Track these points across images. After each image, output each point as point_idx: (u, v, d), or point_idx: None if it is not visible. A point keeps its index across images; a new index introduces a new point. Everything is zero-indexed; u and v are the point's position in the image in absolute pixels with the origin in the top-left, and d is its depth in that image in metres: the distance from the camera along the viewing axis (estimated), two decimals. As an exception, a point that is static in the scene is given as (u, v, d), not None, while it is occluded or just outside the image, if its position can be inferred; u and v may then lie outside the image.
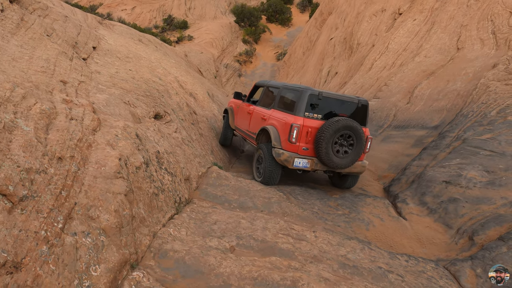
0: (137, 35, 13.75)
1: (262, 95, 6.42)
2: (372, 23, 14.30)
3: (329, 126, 4.76)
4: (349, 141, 4.98)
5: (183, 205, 4.05)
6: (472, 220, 4.11)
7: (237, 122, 7.20)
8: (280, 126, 5.20)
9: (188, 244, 3.11)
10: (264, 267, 2.91)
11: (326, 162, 4.90)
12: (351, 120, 4.90)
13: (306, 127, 4.95)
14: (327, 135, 4.75)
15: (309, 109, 5.01)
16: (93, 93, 4.58)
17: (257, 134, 5.84)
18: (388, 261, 3.44)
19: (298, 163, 4.95)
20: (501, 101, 6.25)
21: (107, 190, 2.77)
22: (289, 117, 5.08)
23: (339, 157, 4.95)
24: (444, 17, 10.43)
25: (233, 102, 7.70)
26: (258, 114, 6.08)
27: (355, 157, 5.04)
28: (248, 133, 6.46)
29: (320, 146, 4.80)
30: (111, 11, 30.44)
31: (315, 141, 4.90)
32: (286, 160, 4.94)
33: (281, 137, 5.11)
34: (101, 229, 2.51)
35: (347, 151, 4.99)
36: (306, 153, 5.04)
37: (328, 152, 4.82)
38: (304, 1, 35.31)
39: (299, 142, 4.95)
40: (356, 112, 5.26)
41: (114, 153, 3.18)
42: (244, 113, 6.79)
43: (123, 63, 7.17)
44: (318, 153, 4.89)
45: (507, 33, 8.31)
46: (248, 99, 7.10)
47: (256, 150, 5.73)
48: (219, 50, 26.41)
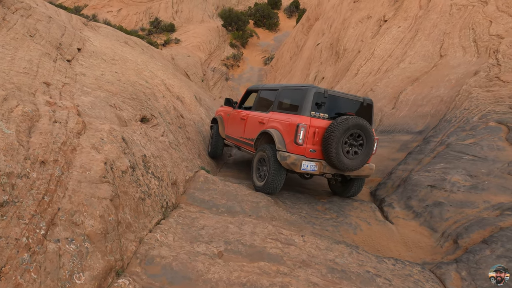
0: (123, 37, 13.58)
1: (257, 99, 6.16)
2: (358, 29, 14.54)
3: (338, 125, 4.48)
4: (359, 141, 4.72)
5: (170, 210, 3.98)
6: (457, 223, 4.19)
7: (228, 130, 6.85)
8: (284, 127, 4.89)
9: (176, 249, 3.06)
10: (253, 272, 2.88)
11: (336, 164, 4.59)
12: (360, 118, 4.65)
13: (313, 127, 4.65)
14: (337, 135, 4.46)
15: (314, 108, 4.73)
16: (78, 96, 4.47)
17: (255, 140, 5.53)
18: (376, 265, 3.46)
19: (306, 166, 4.62)
20: (483, 107, 6.43)
21: (92, 195, 2.70)
22: (293, 118, 4.77)
23: (349, 158, 4.66)
24: (427, 25, 10.69)
25: (222, 110, 7.40)
26: (255, 119, 5.80)
27: (366, 158, 4.79)
28: (243, 140, 6.15)
29: (329, 146, 4.50)
30: (97, 12, 30.00)
31: (324, 141, 4.59)
32: (293, 163, 4.59)
33: (286, 139, 4.79)
34: (85, 235, 2.44)
35: (356, 152, 4.73)
36: (313, 155, 4.72)
37: (339, 153, 4.53)
38: (291, 7, 35.68)
39: (306, 144, 4.64)
40: (361, 111, 5.05)
41: (99, 157, 3.11)
42: (237, 120, 6.51)
43: (108, 65, 7.06)
44: (327, 154, 4.58)
45: (487, 41, 8.57)
46: (240, 105, 6.84)
47: (257, 152, 5.34)
48: (206, 54, 26.34)
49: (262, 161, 5.22)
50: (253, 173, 5.38)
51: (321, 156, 4.74)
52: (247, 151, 6.09)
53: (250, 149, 5.93)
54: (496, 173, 4.75)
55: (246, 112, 6.27)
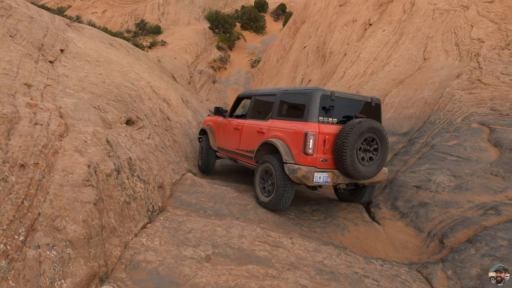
0: (108, 38, 13.37)
1: (251, 106, 5.67)
2: (344, 32, 14.71)
3: (351, 130, 4.11)
4: (373, 145, 4.40)
5: (156, 213, 3.91)
6: (442, 223, 4.24)
7: (220, 142, 6.38)
8: (289, 137, 4.43)
9: (162, 254, 2.99)
10: (241, 276, 2.84)
11: (351, 173, 4.20)
12: (373, 121, 4.31)
13: (323, 134, 4.23)
14: (351, 141, 4.09)
15: (322, 113, 4.32)
16: (60, 97, 4.36)
17: (255, 152, 5.04)
18: (364, 266, 3.47)
19: (318, 178, 4.17)
20: (466, 109, 6.57)
21: (74, 199, 2.62)
22: (299, 125, 4.33)
23: (365, 165, 4.30)
24: (411, 28, 10.90)
25: (211, 120, 6.94)
26: (251, 129, 5.31)
27: (382, 163, 4.48)
28: (240, 152, 5.63)
29: (343, 154, 4.11)
30: (81, 14, 29.50)
31: (337, 149, 4.20)
32: (304, 176, 4.13)
33: (293, 149, 4.34)
34: (67, 240, 2.35)
35: (371, 157, 4.39)
36: (325, 165, 4.29)
37: (354, 161, 4.15)
38: (278, 10, 35.88)
39: (316, 153, 4.21)
40: (370, 112, 4.70)
41: (82, 160, 3.02)
42: (229, 130, 6.02)
43: (93, 67, 6.92)
44: (341, 163, 4.18)
45: (469, 45, 8.79)
46: (231, 113, 6.34)
47: (260, 164, 4.82)
48: (193, 56, 26.20)
49: (266, 174, 4.76)
50: (256, 187, 4.91)
51: (334, 165, 4.34)
52: (246, 164, 5.54)
53: (249, 162, 5.42)
54: (479, 174, 4.85)
55: (240, 121, 5.80)
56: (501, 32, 8.42)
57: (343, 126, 4.27)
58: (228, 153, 6.11)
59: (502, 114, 5.95)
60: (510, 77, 6.93)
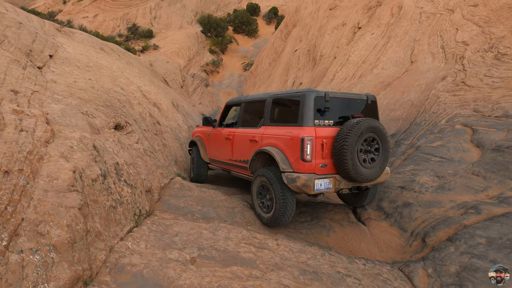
0: (99, 43, 13.38)
1: (241, 113, 5.43)
2: (333, 36, 14.89)
3: (350, 131, 3.92)
4: (374, 146, 4.22)
5: (143, 217, 3.95)
6: (425, 223, 4.34)
7: (212, 153, 6.17)
8: (285, 144, 4.22)
9: (147, 257, 3.04)
10: (225, 277, 2.90)
11: (354, 177, 4.01)
12: (372, 119, 4.14)
13: (320, 138, 4.04)
14: (350, 143, 3.90)
15: (317, 115, 4.12)
16: (48, 103, 4.39)
17: (250, 161, 4.78)
18: (347, 266, 3.55)
19: (319, 185, 3.96)
20: (450, 111, 6.71)
21: (59, 204, 2.66)
22: (295, 130, 4.12)
23: (367, 167, 4.11)
24: (399, 32, 11.08)
25: (200, 131, 6.78)
26: (243, 138, 5.09)
27: (384, 163, 4.32)
28: (233, 163, 5.40)
29: (344, 157, 3.91)
30: (72, 18, 29.42)
31: (336, 152, 3.99)
32: (304, 184, 3.91)
33: (290, 157, 4.12)
34: (51, 245, 2.40)
35: (373, 158, 4.21)
36: (325, 170, 4.08)
37: (355, 164, 3.96)
38: (270, 13, 36.10)
39: (315, 159, 4.01)
40: (367, 110, 4.54)
41: (68, 165, 3.07)
42: (220, 140, 5.81)
43: (82, 72, 6.95)
44: (342, 167, 3.98)
45: (454, 48, 8.97)
46: (220, 123, 6.12)
47: (256, 177, 4.58)
48: (185, 60, 26.25)
49: (263, 189, 4.51)
50: (254, 202, 4.68)
51: (334, 170, 4.14)
52: (242, 175, 5.29)
53: (244, 173, 5.17)
54: (461, 174, 4.97)
55: (230, 130, 5.57)
56: (484, 35, 8.62)
57: (341, 127, 4.08)
58: (221, 165, 5.92)
59: (484, 115, 6.10)
60: (492, 79, 7.10)
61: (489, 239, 3.54)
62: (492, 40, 8.28)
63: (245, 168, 5.01)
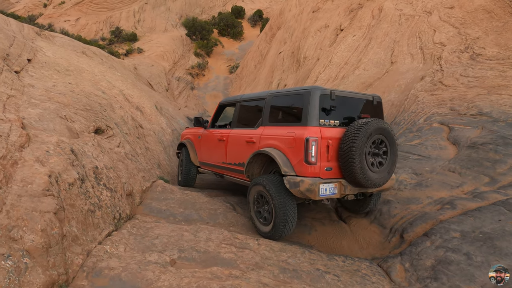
0: (80, 47, 13.21)
1: (236, 114, 5.13)
2: (317, 38, 15.07)
3: (358, 132, 3.65)
4: (382, 148, 3.95)
5: (123, 221, 3.93)
6: (403, 219, 4.45)
7: (202, 156, 5.85)
8: (286, 145, 3.90)
9: (126, 260, 3.03)
10: (204, 277, 2.91)
11: (361, 181, 3.72)
12: (381, 120, 3.88)
13: (325, 139, 3.74)
14: (359, 144, 3.62)
15: (322, 114, 3.82)
16: (24, 108, 4.32)
17: (247, 164, 4.44)
18: (327, 263, 3.60)
19: (324, 190, 3.67)
20: (428, 110, 6.89)
21: (33, 209, 2.63)
22: (298, 130, 3.82)
23: (375, 171, 3.84)
24: (379, 33, 11.31)
25: (190, 133, 6.49)
26: (239, 139, 4.77)
27: (392, 168, 4.04)
28: (227, 166, 5.08)
29: (352, 160, 3.63)
30: (53, 22, 28.92)
31: (343, 155, 3.71)
32: (308, 189, 3.60)
33: (292, 159, 3.82)
34: (24, 250, 2.37)
35: (381, 162, 3.94)
36: (330, 174, 3.79)
37: (364, 168, 3.68)
38: (255, 16, 36.28)
39: (319, 162, 3.71)
40: (372, 111, 4.27)
41: (43, 170, 3.03)
42: (212, 142, 5.51)
43: (62, 76, 6.85)
44: (349, 170, 3.69)
45: (432, 48, 9.21)
46: (213, 124, 5.83)
47: (252, 187, 4.23)
48: (170, 63, 26.12)
49: (262, 198, 4.15)
50: (252, 215, 4.35)
51: (339, 174, 3.85)
52: (236, 179, 4.97)
53: (239, 177, 4.85)
54: (438, 171, 5.11)
55: (224, 131, 5.27)
56: (460, 36, 8.88)
57: (348, 128, 3.79)
58: (212, 168, 5.58)
59: (460, 113, 6.28)
60: (468, 78, 7.32)
61: (463, 233, 3.66)
62: (467, 41, 8.53)
63: (241, 171, 4.69)
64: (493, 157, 4.86)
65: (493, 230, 3.56)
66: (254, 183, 4.19)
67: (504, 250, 3.28)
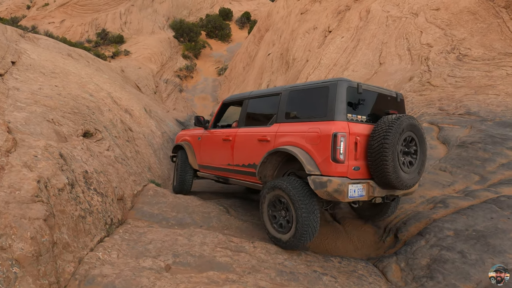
0: (66, 49, 12.96)
1: (244, 112, 4.80)
2: (305, 40, 15.15)
3: (390, 128, 3.38)
4: (412, 147, 3.70)
5: (115, 226, 3.83)
6: (397, 219, 4.47)
7: (203, 159, 5.45)
8: (309, 141, 3.58)
9: (119, 267, 2.94)
10: (201, 282, 2.85)
11: (393, 183, 3.43)
12: (412, 117, 3.63)
13: (353, 135, 3.44)
14: (392, 141, 3.35)
15: (349, 109, 3.54)
16: (10, 112, 4.18)
17: (260, 165, 4.05)
18: (323, 264, 3.58)
19: (353, 191, 3.36)
20: (417, 110, 6.98)
21: (22, 216, 2.53)
22: (323, 126, 3.49)
23: (406, 171, 3.57)
24: (367, 35, 11.43)
25: (187, 134, 6.08)
26: (249, 137, 4.44)
27: (422, 168, 3.80)
28: (234, 168, 4.69)
29: (384, 159, 3.35)
30: (37, 24, 28.34)
31: (373, 153, 3.43)
32: (337, 190, 3.28)
33: (316, 157, 3.48)
34: (14, 259, 2.27)
35: (411, 162, 3.68)
36: (358, 174, 3.48)
37: (396, 167, 3.40)
38: (243, 18, 36.28)
39: (347, 160, 3.40)
40: (396, 108, 4.04)
41: (31, 175, 2.92)
42: (216, 143, 5.12)
43: (48, 79, 6.68)
44: (380, 170, 3.40)
45: (419, 50, 9.35)
46: (215, 124, 5.48)
47: (267, 191, 3.87)
48: (158, 65, 25.87)
49: (279, 203, 3.78)
50: (265, 221, 3.96)
51: (367, 175, 3.56)
52: (244, 182, 4.60)
53: (249, 179, 4.47)
54: (429, 170, 5.16)
55: (230, 130, 4.92)
56: (447, 38, 9.04)
57: (378, 123, 3.52)
58: (215, 171, 5.18)
59: (449, 113, 6.38)
60: (455, 79, 7.45)
61: (457, 231, 3.69)
62: (453, 42, 8.69)
63: (251, 173, 4.32)
64: (483, 156, 4.94)
65: (486, 228, 3.60)
66: (270, 186, 3.81)
67: (498, 247, 3.32)
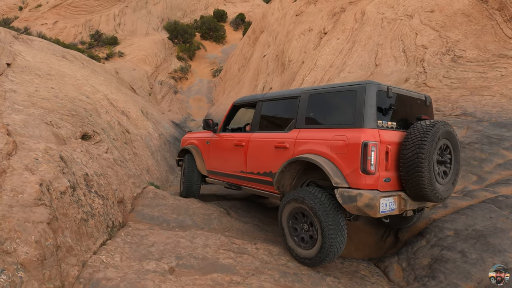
0: (60, 51, 12.86)
1: (257, 115, 4.46)
2: (301, 41, 15.22)
3: (426, 136, 3.09)
4: (446, 155, 3.41)
5: (117, 229, 3.81)
6: (396, 219, 4.50)
7: (213, 164, 5.15)
8: (334, 150, 3.27)
9: (123, 270, 2.93)
10: (206, 284, 2.85)
11: (428, 194, 3.14)
12: (447, 123, 3.33)
13: (385, 143, 3.13)
14: (428, 150, 3.07)
15: (379, 115, 3.23)
16: (8, 114, 4.14)
17: (278, 174, 3.73)
18: (326, 265, 3.60)
19: (384, 206, 3.06)
20: (414, 111, 7.04)
21: (26, 220, 2.50)
22: (350, 133, 3.19)
23: (441, 182, 3.29)
24: (363, 37, 11.52)
25: (195, 138, 5.76)
26: (264, 144, 4.11)
27: (456, 178, 3.52)
28: (247, 176, 4.39)
29: (420, 170, 3.05)
30: (29, 25, 28.05)
31: (407, 163, 3.12)
32: (368, 205, 2.98)
33: (343, 168, 3.17)
34: (19, 263, 2.25)
35: (445, 171, 3.40)
36: (388, 186, 3.18)
37: (432, 178, 3.12)
38: (237, 19, 36.33)
39: (378, 171, 3.09)
40: (425, 113, 3.75)
41: (33, 178, 2.90)
42: (226, 148, 4.84)
43: (44, 81, 6.62)
44: (415, 182, 3.10)
45: (414, 51, 9.45)
46: (224, 127, 5.15)
47: (287, 203, 3.57)
48: (152, 67, 25.78)
49: (302, 216, 3.48)
50: (286, 235, 3.67)
51: (398, 186, 3.26)
52: (259, 191, 4.30)
53: (265, 189, 4.16)
54: (427, 170, 5.21)
55: (243, 135, 4.58)
56: (441, 39, 9.15)
57: (410, 131, 3.22)
58: (226, 178, 4.88)
59: (445, 114, 6.45)
60: (451, 80, 7.54)
61: (457, 231, 3.73)
62: (448, 43, 8.80)
63: (267, 182, 4.02)
64: (480, 156, 5.00)
65: (485, 227, 3.65)
66: (291, 198, 3.51)
67: (497, 247, 3.36)
